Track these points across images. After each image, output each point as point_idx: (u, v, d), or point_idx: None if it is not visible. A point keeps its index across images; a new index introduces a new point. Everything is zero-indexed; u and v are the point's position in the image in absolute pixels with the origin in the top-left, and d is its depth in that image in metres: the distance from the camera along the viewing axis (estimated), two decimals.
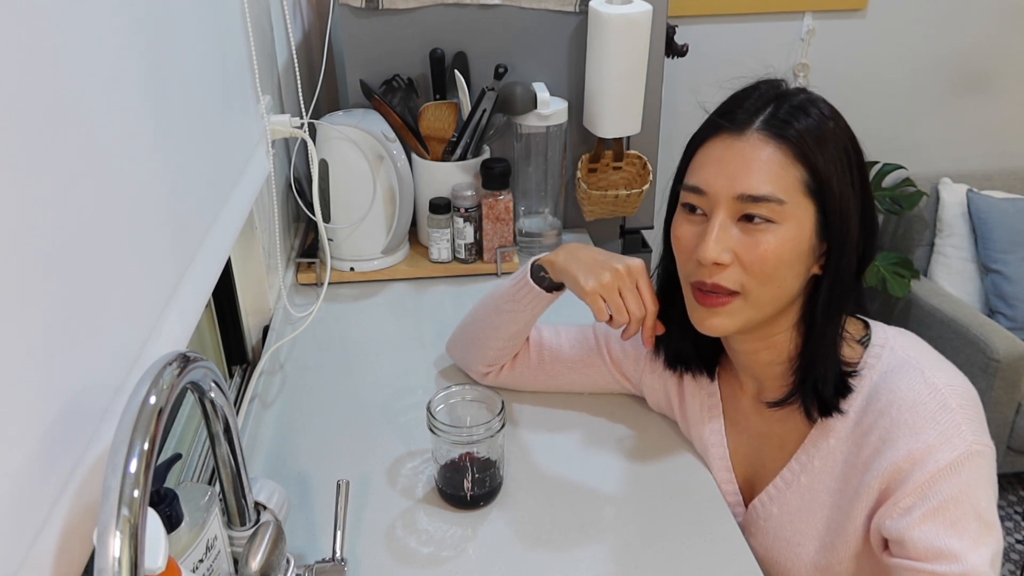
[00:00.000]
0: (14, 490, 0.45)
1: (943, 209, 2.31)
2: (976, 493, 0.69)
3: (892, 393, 0.74)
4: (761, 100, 0.75)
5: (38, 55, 0.49)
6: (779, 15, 2.21)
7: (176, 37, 0.77)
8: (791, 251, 0.73)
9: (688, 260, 0.78)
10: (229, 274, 1.14)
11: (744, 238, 0.74)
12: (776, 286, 0.75)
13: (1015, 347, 1.91)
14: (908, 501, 0.69)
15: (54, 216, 0.51)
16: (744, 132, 0.74)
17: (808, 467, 0.80)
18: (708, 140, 0.77)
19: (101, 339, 0.57)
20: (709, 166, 0.76)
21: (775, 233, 0.73)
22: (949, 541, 0.67)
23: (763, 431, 0.87)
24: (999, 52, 2.39)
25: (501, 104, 1.34)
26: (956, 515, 0.68)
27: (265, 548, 0.64)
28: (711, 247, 0.73)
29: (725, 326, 0.77)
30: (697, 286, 0.77)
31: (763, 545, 0.84)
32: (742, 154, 0.73)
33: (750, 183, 0.72)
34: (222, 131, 0.92)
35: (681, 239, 0.79)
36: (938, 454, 0.69)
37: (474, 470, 0.86)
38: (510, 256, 1.39)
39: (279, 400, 1.07)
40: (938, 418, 0.71)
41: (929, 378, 0.73)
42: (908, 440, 0.71)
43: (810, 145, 0.72)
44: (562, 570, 0.80)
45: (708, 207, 0.76)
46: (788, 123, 0.73)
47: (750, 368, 0.86)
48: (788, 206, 0.72)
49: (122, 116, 0.63)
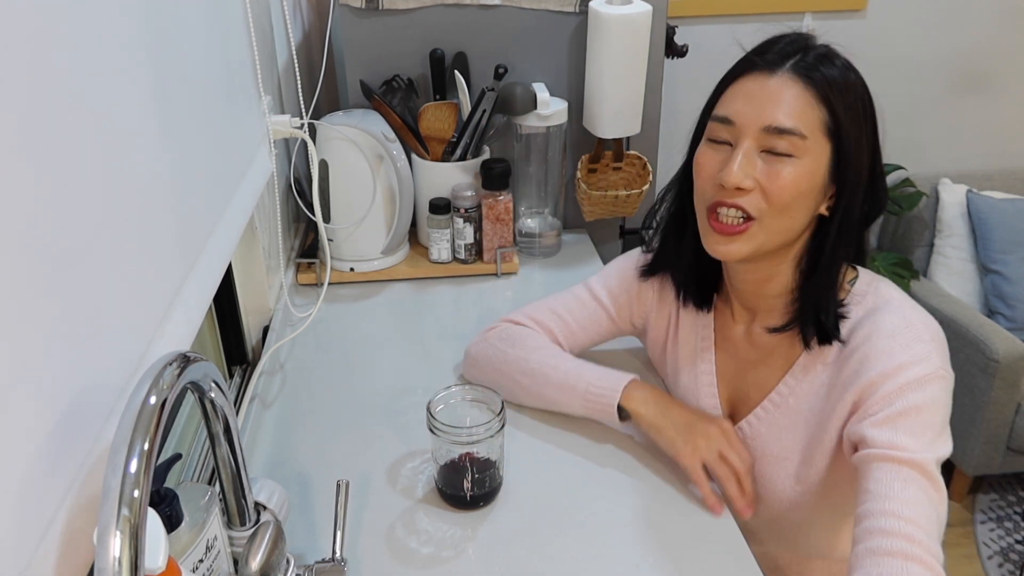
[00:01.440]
0: (21, 490, 0.45)
1: (943, 209, 2.31)
2: (936, 408, 0.77)
3: (873, 325, 0.82)
4: (792, 45, 0.82)
5: (47, 58, 0.49)
6: (779, 15, 2.21)
7: (180, 37, 0.77)
8: (807, 184, 0.80)
9: (709, 185, 0.84)
10: (229, 274, 1.14)
11: (766, 168, 0.80)
12: (789, 217, 0.81)
13: (1014, 347, 1.91)
14: (875, 408, 0.78)
15: (62, 217, 0.51)
16: (775, 71, 0.80)
17: (796, 390, 0.88)
18: (740, 76, 0.83)
19: (107, 339, 0.57)
20: (739, 99, 0.82)
21: (794, 166, 0.79)
22: (905, 438, 0.75)
23: (751, 359, 0.94)
24: (999, 52, 2.39)
25: (501, 104, 1.34)
26: (916, 421, 0.76)
27: (265, 548, 0.64)
28: (735, 171, 0.80)
29: (739, 251, 0.83)
30: (714, 209, 0.83)
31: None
32: (771, 90, 0.80)
33: (777, 116, 0.79)
34: (226, 132, 0.92)
35: (705, 165, 0.84)
36: (908, 371, 0.78)
37: (474, 470, 0.86)
38: (510, 256, 1.39)
39: (279, 400, 1.07)
40: (911, 346, 0.79)
41: (907, 315, 0.82)
42: (883, 361, 0.79)
43: (833, 90, 0.79)
44: (561, 570, 0.80)
45: (734, 137, 0.81)
46: (815, 67, 0.80)
47: (749, 299, 0.92)
48: (809, 142, 0.79)
49: (128, 117, 0.63)
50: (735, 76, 0.84)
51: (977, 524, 2.10)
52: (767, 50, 0.83)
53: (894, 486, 0.72)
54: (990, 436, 2.00)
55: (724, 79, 0.85)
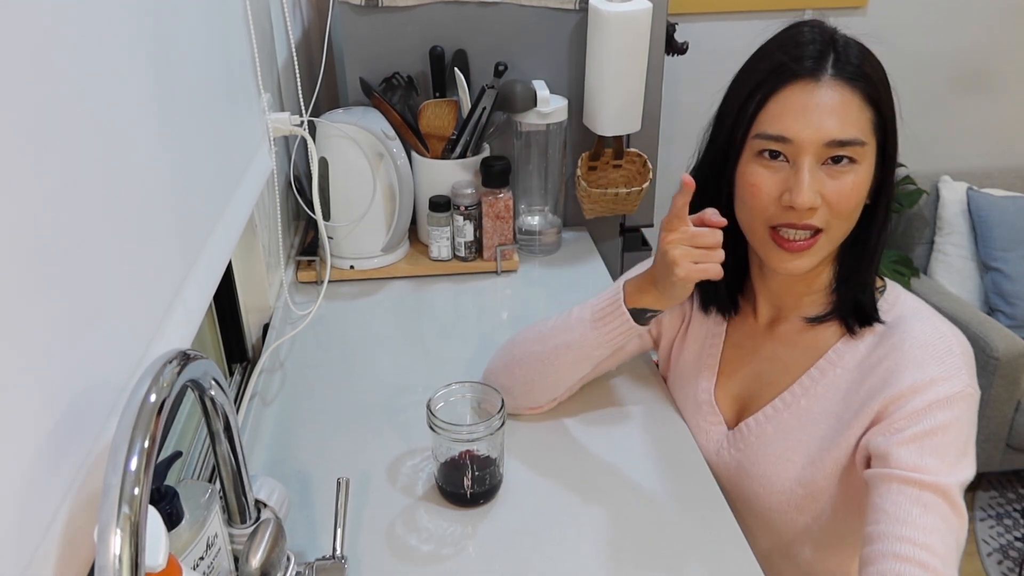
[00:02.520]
0: (22, 488, 0.45)
1: (943, 207, 2.31)
2: (963, 428, 0.75)
3: (905, 333, 0.81)
4: (820, 43, 0.79)
5: (48, 56, 0.49)
6: (779, 12, 2.21)
7: (181, 36, 0.77)
8: (865, 187, 0.80)
9: (769, 205, 0.81)
10: (229, 272, 1.14)
11: (830, 181, 0.78)
12: (850, 220, 0.81)
13: (1015, 345, 1.91)
14: (902, 423, 0.75)
15: (61, 215, 0.51)
16: (820, 78, 0.77)
17: (810, 391, 0.86)
18: (782, 88, 0.78)
19: (107, 337, 0.57)
20: (790, 114, 0.78)
21: (856, 173, 0.78)
22: (930, 459, 0.73)
23: (768, 355, 0.92)
24: (999, 50, 2.39)
25: (501, 102, 1.34)
26: (942, 441, 0.74)
27: (265, 546, 0.64)
28: (806, 193, 0.77)
29: (808, 265, 0.82)
30: (780, 230, 0.81)
31: (750, 459, 0.90)
32: (823, 101, 0.77)
33: (836, 130, 0.77)
34: (225, 130, 0.92)
35: (762, 187, 0.81)
36: (938, 387, 0.76)
37: (474, 468, 0.86)
38: (510, 254, 1.39)
39: (279, 398, 1.07)
40: (944, 359, 0.78)
41: (938, 326, 0.81)
42: (913, 372, 0.77)
43: (875, 84, 0.78)
44: (562, 567, 0.80)
45: (792, 154, 0.79)
46: (852, 63, 0.78)
47: (783, 297, 0.91)
48: (867, 147, 0.78)
49: (128, 115, 0.63)
50: (775, 87, 0.78)
51: (977, 521, 2.11)
52: (801, 54, 0.78)
53: (913, 511, 0.70)
54: (990, 434, 2.00)
55: (759, 89, 0.79)
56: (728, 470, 0.93)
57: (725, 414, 0.96)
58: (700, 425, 0.97)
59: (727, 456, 0.93)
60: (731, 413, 0.95)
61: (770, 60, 0.81)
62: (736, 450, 0.92)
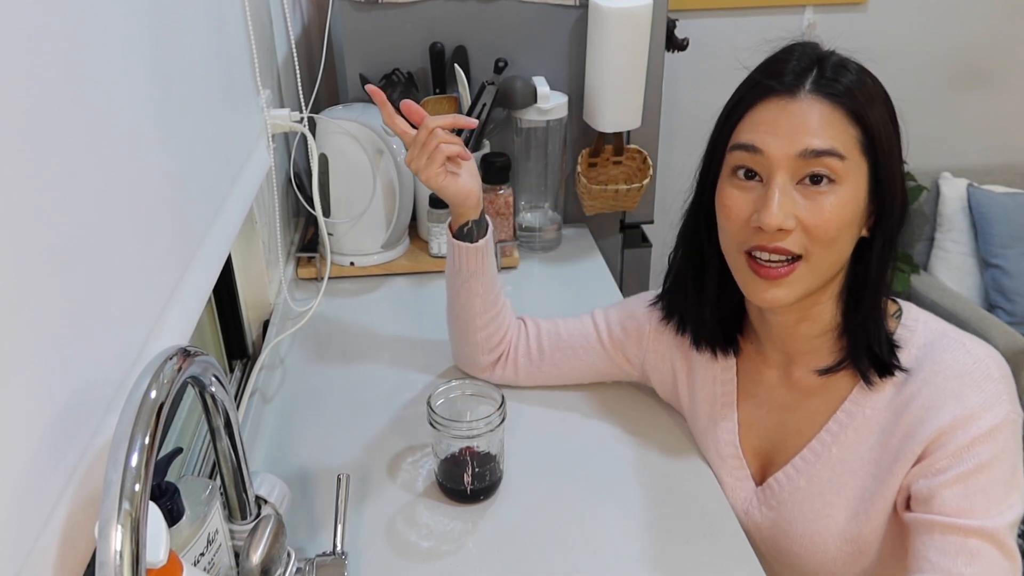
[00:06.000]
0: (19, 484, 0.45)
1: (943, 204, 2.31)
2: (1008, 459, 0.71)
3: (937, 363, 0.75)
4: (804, 60, 0.75)
5: (44, 49, 0.49)
6: (780, 8, 2.21)
7: (179, 30, 0.77)
8: (851, 212, 0.73)
9: (742, 228, 0.76)
10: (229, 269, 1.14)
11: (807, 203, 0.72)
12: (836, 250, 0.74)
13: (1014, 342, 1.91)
14: (945, 463, 0.71)
15: (59, 211, 0.51)
16: (796, 94, 0.73)
17: (840, 438, 0.80)
18: (757, 104, 0.75)
19: (105, 333, 0.57)
20: (764, 125, 0.74)
21: (836, 194, 0.72)
22: (975, 500, 0.69)
23: (788, 403, 0.85)
24: (1000, 46, 2.39)
25: (501, 98, 1.34)
26: (987, 479, 0.70)
27: (266, 542, 0.64)
28: (775, 212, 0.71)
29: (786, 297, 0.75)
30: (754, 253, 0.75)
31: (786, 519, 0.83)
32: (798, 114, 0.72)
33: (810, 140, 0.71)
34: (223, 126, 0.92)
35: (733, 207, 0.76)
36: (980, 420, 0.71)
37: (474, 464, 0.86)
38: (510, 251, 1.39)
39: (279, 394, 1.07)
40: (983, 386, 0.72)
41: (971, 349, 0.75)
42: (953, 406, 0.72)
43: (861, 102, 0.73)
44: (562, 564, 0.80)
45: (764, 170, 0.74)
46: (837, 80, 0.73)
47: (785, 341, 0.84)
48: (848, 163, 0.72)
49: (126, 110, 0.63)
50: (750, 104, 0.75)
51: None
52: (781, 71, 0.74)
53: (958, 560, 0.67)
54: None
55: (736, 107, 0.77)
56: (762, 531, 0.86)
57: (751, 467, 0.89)
58: (725, 480, 0.90)
59: (758, 516, 0.86)
60: (755, 467, 0.89)
61: (752, 79, 0.78)
62: (769, 508, 0.85)
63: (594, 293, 1.32)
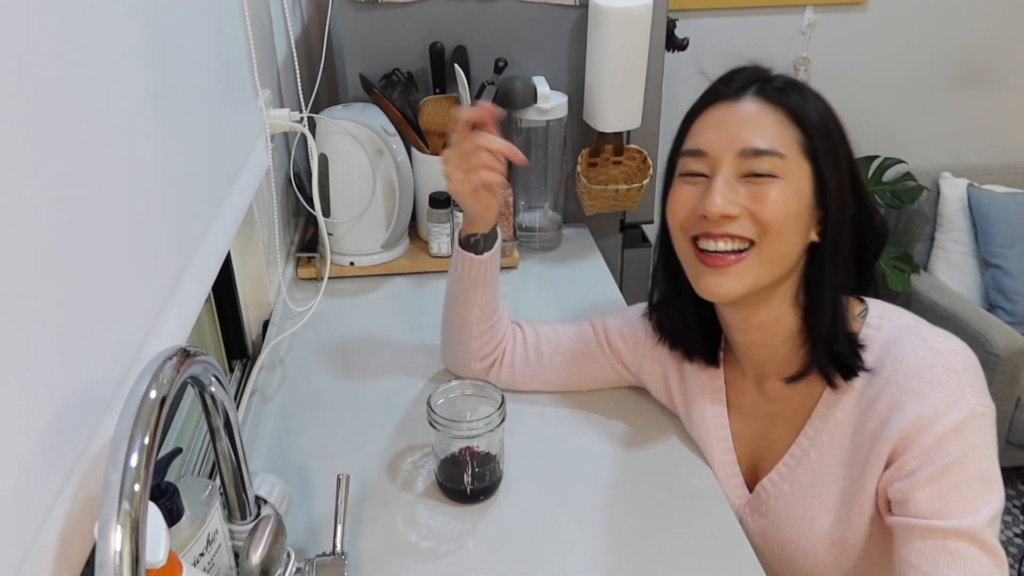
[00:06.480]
0: (17, 484, 0.45)
1: (943, 203, 2.31)
2: (979, 454, 0.70)
3: (897, 361, 0.75)
4: (753, 74, 0.80)
5: (41, 48, 0.49)
6: (780, 9, 2.21)
7: (177, 30, 0.77)
8: (796, 204, 0.76)
9: (688, 218, 0.79)
10: (229, 268, 1.14)
11: (750, 192, 0.76)
12: (785, 241, 0.76)
13: (1015, 341, 1.91)
14: (914, 464, 0.71)
15: (56, 210, 0.50)
16: (740, 97, 0.78)
17: (816, 441, 0.81)
18: (705, 108, 0.80)
19: (103, 333, 0.57)
20: (708, 129, 0.79)
21: (779, 186, 0.75)
22: (950, 499, 0.69)
23: (768, 412, 0.87)
24: (1000, 46, 2.39)
25: (501, 98, 1.34)
26: (960, 476, 0.69)
27: (266, 542, 0.64)
28: (716, 199, 0.75)
29: (734, 287, 0.77)
30: (701, 245, 0.78)
31: (775, 524, 0.85)
32: (740, 114, 0.77)
33: (751, 138, 0.75)
34: (222, 125, 0.92)
35: (680, 200, 0.80)
36: (944, 417, 0.71)
37: (474, 464, 0.86)
38: (510, 251, 1.39)
39: (279, 394, 1.07)
40: (944, 381, 0.72)
41: (932, 344, 0.75)
42: (915, 404, 0.72)
43: (801, 105, 0.77)
44: (562, 564, 0.80)
45: (710, 168, 0.78)
46: (782, 92, 0.78)
47: (750, 353, 0.87)
48: (788, 161, 0.75)
49: (123, 110, 0.62)
50: (700, 109, 0.81)
51: None
52: (730, 79, 0.81)
53: (939, 562, 0.67)
54: None
55: (689, 114, 0.83)
56: (755, 537, 0.87)
57: (743, 474, 0.91)
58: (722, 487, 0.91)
59: (751, 523, 0.88)
60: (747, 474, 0.91)
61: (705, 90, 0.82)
62: (759, 515, 0.87)
63: (594, 293, 1.32)
